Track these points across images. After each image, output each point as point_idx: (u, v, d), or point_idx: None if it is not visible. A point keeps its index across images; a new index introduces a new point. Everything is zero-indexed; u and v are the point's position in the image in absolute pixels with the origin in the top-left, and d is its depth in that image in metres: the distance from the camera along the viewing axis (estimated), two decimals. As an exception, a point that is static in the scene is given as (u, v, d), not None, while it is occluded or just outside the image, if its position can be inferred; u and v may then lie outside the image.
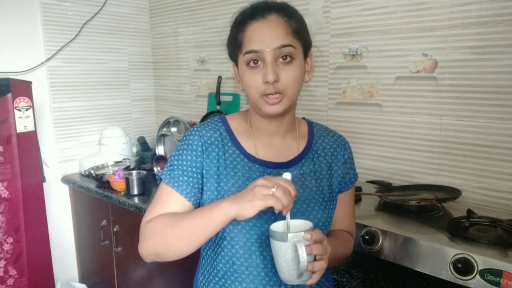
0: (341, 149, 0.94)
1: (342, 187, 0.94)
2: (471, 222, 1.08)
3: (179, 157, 0.88)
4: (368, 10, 1.52)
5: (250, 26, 0.80)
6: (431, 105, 1.42)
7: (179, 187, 0.86)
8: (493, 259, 0.90)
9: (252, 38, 0.80)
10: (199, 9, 2.16)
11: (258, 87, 0.80)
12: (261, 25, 0.79)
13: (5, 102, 1.62)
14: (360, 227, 1.11)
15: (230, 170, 0.86)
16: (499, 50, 1.25)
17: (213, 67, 2.17)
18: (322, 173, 0.91)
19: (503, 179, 1.30)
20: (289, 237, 0.71)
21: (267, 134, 0.90)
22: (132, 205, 1.69)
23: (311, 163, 0.91)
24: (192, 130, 0.90)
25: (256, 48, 0.79)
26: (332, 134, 0.97)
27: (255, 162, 0.87)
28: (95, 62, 2.21)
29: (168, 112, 2.47)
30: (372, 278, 1.09)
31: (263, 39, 0.79)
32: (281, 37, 0.79)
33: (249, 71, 0.81)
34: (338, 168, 0.93)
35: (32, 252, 1.72)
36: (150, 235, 0.82)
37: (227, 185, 0.85)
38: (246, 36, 0.81)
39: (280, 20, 0.80)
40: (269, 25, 0.79)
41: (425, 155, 1.45)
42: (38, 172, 1.77)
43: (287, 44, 0.79)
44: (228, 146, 0.88)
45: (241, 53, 0.82)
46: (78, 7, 2.10)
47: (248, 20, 0.81)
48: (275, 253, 0.74)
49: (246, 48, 0.80)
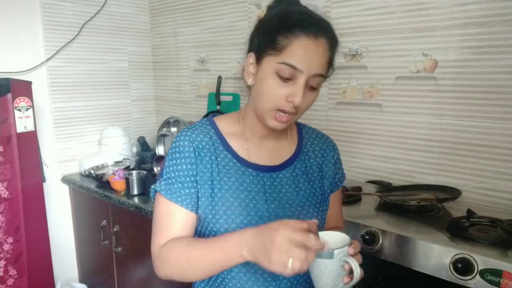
0: (330, 150, 0.94)
1: (333, 187, 0.95)
2: (471, 222, 1.08)
3: (175, 168, 0.83)
4: (368, 10, 1.52)
5: (300, 38, 0.74)
6: (431, 105, 1.42)
7: (183, 201, 0.82)
8: (493, 259, 0.90)
9: (299, 54, 0.74)
10: (199, 9, 2.16)
11: (277, 100, 0.77)
12: (311, 45, 0.74)
13: (5, 102, 1.62)
14: (360, 227, 1.11)
15: (223, 175, 0.84)
16: (499, 50, 1.25)
17: (213, 67, 2.17)
18: (313, 175, 0.91)
19: (503, 179, 1.30)
20: (335, 253, 0.69)
21: (261, 136, 0.88)
22: (132, 205, 1.69)
23: (303, 165, 0.90)
24: (181, 136, 0.85)
25: (299, 67, 0.74)
26: (321, 135, 0.97)
27: (248, 166, 0.85)
28: (95, 62, 2.21)
29: (168, 112, 2.47)
30: (372, 278, 1.09)
31: (309, 61, 0.74)
32: (321, 66, 0.76)
33: (276, 80, 0.76)
34: (329, 169, 0.93)
35: (32, 252, 1.72)
36: (167, 267, 0.80)
37: (221, 191, 0.83)
38: (292, 46, 0.74)
39: (326, 47, 0.76)
40: (318, 49, 0.75)
41: (425, 155, 1.45)
42: (38, 172, 1.77)
43: (322, 74, 0.77)
44: (220, 150, 0.85)
45: (276, 57, 0.75)
46: (78, 7, 2.10)
47: (299, 28, 0.74)
48: (318, 270, 0.72)
49: (287, 59, 0.74)
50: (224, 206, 0.82)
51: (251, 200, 0.83)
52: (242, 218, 0.81)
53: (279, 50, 0.75)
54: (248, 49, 0.83)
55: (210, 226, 0.82)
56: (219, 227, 0.81)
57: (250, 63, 0.81)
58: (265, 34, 0.78)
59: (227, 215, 0.81)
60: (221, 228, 0.81)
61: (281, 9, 0.80)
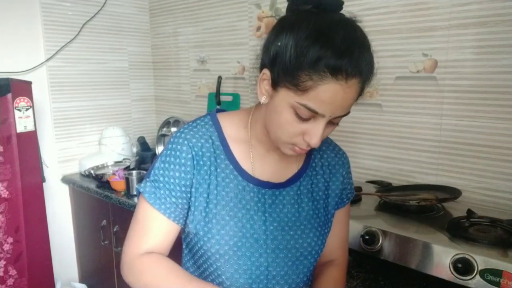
0: (340, 166, 0.86)
1: (338, 204, 0.87)
2: (471, 222, 1.09)
3: (166, 172, 0.76)
4: (368, 10, 1.52)
5: (327, 84, 0.61)
6: (431, 105, 1.42)
7: (166, 210, 0.75)
8: (493, 259, 0.90)
9: (324, 100, 0.62)
10: (199, 9, 2.16)
11: (293, 136, 0.68)
12: (339, 90, 0.62)
13: (5, 102, 1.62)
14: (360, 227, 1.11)
15: (221, 189, 0.76)
16: (499, 50, 1.25)
17: (213, 67, 2.17)
18: (319, 194, 0.83)
19: (503, 179, 1.29)
20: None
21: (268, 148, 0.79)
22: (132, 205, 1.69)
23: (309, 182, 0.82)
24: (179, 138, 0.76)
25: (321, 112, 0.64)
26: (332, 147, 0.87)
27: (250, 181, 0.77)
28: (95, 62, 2.21)
29: (168, 112, 2.47)
30: (372, 278, 1.09)
31: (333, 107, 0.64)
32: (348, 106, 0.66)
33: (294, 117, 0.66)
34: (336, 187, 0.85)
35: (32, 252, 1.72)
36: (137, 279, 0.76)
37: (216, 208, 0.75)
38: (315, 90, 0.62)
39: (358, 85, 0.64)
40: (347, 93, 0.63)
41: (425, 155, 1.45)
42: (38, 172, 1.77)
43: (348, 112, 0.68)
44: (221, 159, 0.77)
45: (296, 96, 0.64)
46: (78, 7, 2.10)
47: (328, 71, 0.60)
48: None
49: (309, 103, 0.63)
50: (218, 225, 0.75)
51: (248, 220, 0.76)
52: (237, 240, 0.75)
53: (300, 90, 0.63)
54: (262, 58, 0.70)
55: (201, 243, 0.76)
56: (210, 247, 0.75)
57: (264, 79, 0.69)
58: (285, 63, 0.63)
59: (220, 235, 0.75)
60: (212, 249, 0.75)
61: (308, 29, 0.62)
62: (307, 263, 0.81)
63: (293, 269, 0.80)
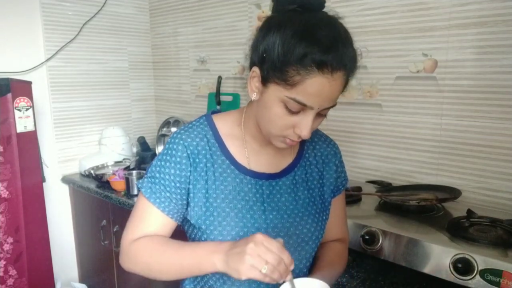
0: (332, 157, 0.90)
1: (334, 192, 0.91)
2: (471, 222, 1.09)
3: (161, 169, 0.80)
4: (368, 10, 1.52)
5: (313, 77, 0.65)
6: (431, 105, 1.42)
7: (160, 203, 0.79)
8: (493, 259, 0.90)
9: (311, 93, 0.66)
10: (199, 9, 2.16)
11: (283, 129, 0.72)
12: (325, 83, 0.65)
13: (5, 102, 1.62)
14: (360, 227, 1.11)
15: (219, 183, 0.79)
16: (499, 50, 1.25)
17: (213, 67, 2.17)
18: (313, 183, 0.87)
19: (503, 179, 1.29)
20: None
21: (262, 143, 0.83)
22: (132, 205, 1.69)
23: (303, 171, 0.86)
24: (175, 138, 0.80)
25: (309, 104, 0.67)
26: (323, 139, 0.92)
27: (247, 174, 0.81)
28: (95, 62, 2.21)
29: (168, 112, 2.47)
30: (372, 278, 1.09)
31: (321, 99, 0.67)
32: (335, 98, 0.70)
33: (283, 110, 0.70)
34: (330, 176, 0.89)
35: (32, 252, 1.72)
36: (134, 261, 0.79)
37: (216, 201, 0.79)
38: (303, 84, 0.65)
39: (343, 78, 0.68)
40: (333, 85, 0.66)
41: (425, 155, 1.45)
42: (38, 172, 1.77)
43: (335, 104, 0.71)
44: (217, 155, 0.80)
45: (285, 90, 0.67)
46: (78, 7, 2.10)
47: (314, 65, 0.64)
48: None
49: (297, 96, 0.67)
50: (219, 216, 0.78)
51: (248, 211, 0.80)
52: (238, 230, 0.78)
53: (289, 84, 0.66)
54: (251, 57, 0.74)
55: (204, 237, 0.79)
56: (214, 239, 0.78)
57: (254, 76, 0.73)
58: (273, 61, 0.67)
59: (222, 226, 0.78)
60: (215, 240, 0.78)
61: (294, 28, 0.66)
62: (308, 249, 0.85)
63: (295, 255, 0.82)
